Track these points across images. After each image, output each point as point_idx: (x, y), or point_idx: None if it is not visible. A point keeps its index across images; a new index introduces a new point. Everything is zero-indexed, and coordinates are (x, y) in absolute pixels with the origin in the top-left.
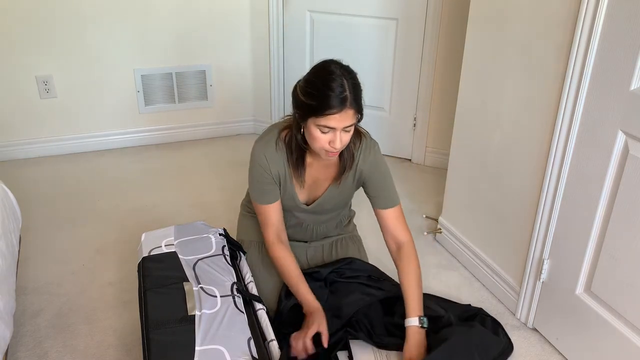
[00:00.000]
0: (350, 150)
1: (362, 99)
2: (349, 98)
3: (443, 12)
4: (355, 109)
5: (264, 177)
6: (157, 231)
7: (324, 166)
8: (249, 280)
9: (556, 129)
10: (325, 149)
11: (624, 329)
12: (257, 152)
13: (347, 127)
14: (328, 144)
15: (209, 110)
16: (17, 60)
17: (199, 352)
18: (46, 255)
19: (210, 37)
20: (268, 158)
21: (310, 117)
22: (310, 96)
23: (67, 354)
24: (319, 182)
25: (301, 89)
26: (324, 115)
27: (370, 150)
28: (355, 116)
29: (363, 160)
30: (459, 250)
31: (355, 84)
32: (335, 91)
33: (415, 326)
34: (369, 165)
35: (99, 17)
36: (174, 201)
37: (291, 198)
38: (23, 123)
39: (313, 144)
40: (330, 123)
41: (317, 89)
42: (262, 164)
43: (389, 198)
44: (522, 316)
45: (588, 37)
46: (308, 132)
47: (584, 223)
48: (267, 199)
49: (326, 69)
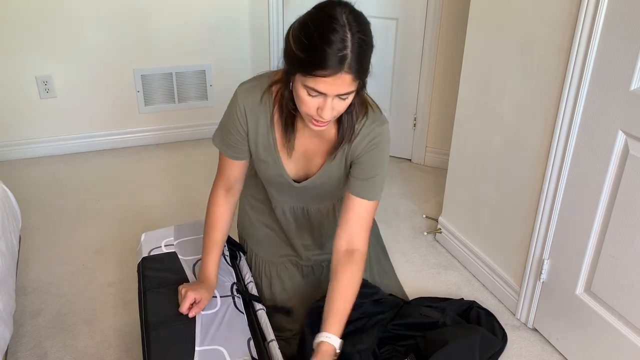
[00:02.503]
0: (351, 119)
1: (370, 62)
2: (348, 58)
3: (443, 12)
4: (355, 73)
5: (236, 130)
6: (157, 231)
7: (316, 135)
8: (249, 280)
9: (556, 129)
10: (311, 116)
11: (624, 329)
12: (237, 98)
13: (342, 95)
14: (315, 110)
15: (209, 110)
16: (17, 60)
17: (198, 352)
18: (46, 255)
19: (210, 37)
20: (247, 111)
21: (298, 73)
22: (300, 45)
23: (67, 354)
24: (310, 156)
25: (294, 33)
26: (312, 75)
27: (374, 129)
28: (355, 82)
29: (360, 139)
30: (459, 250)
31: (362, 41)
32: (332, 46)
33: (331, 345)
34: (365, 145)
35: (99, 17)
36: (174, 201)
37: (276, 169)
38: (23, 123)
39: (299, 107)
40: (319, 86)
41: (309, 37)
42: (239, 114)
43: (370, 188)
44: (522, 316)
45: (588, 37)
46: (295, 91)
47: (584, 223)
48: (230, 153)
49: (328, 12)
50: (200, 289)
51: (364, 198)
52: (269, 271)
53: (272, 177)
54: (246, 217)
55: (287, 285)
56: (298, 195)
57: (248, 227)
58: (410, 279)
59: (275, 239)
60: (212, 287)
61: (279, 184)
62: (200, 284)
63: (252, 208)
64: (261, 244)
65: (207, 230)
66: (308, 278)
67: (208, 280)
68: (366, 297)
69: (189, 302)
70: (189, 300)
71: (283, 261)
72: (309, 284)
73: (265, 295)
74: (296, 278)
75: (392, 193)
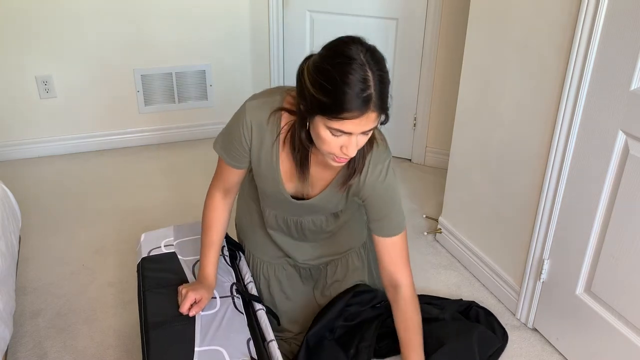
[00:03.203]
0: (362, 150)
1: (390, 95)
2: (373, 97)
3: (443, 12)
4: (379, 110)
5: (239, 143)
6: (157, 231)
7: (325, 165)
8: (249, 280)
9: (556, 128)
10: (334, 154)
11: (624, 329)
12: (245, 113)
13: (367, 131)
14: (339, 149)
15: (209, 110)
16: (17, 60)
17: (198, 352)
18: (46, 255)
19: (210, 37)
20: (254, 127)
21: (320, 115)
22: (321, 90)
23: (67, 354)
24: (313, 180)
25: (310, 77)
26: (338, 118)
27: (376, 166)
28: (379, 118)
29: (363, 182)
30: (459, 250)
31: (383, 78)
32: (355, 88)
33: None
34: (368, 187)
35: (99, 17)
36: (174, 201)
37: (275, 186)
38: (23, 123)
39: (320, 146)
40: (345, 127)
41: (331, 81)
42: (244, 129)
43: (389, 226)
44: (522, 316)
45: (588, 37)
46: (314, 130)
47: (584, 223)
48: (230, 162)
49: (345, 53)
50: (200, 289)
51: (388, 236)
52: (267, 272)
53: (270, 191)
54: (244, 218)
55: (285, 286)
56: (292, 210)
57: (245, 228)
58: None
59: (272, 241)
60: (211, 287)
61: (276, 198)
62: (200, 284)
63: (250, 211)
64: (259, 246)
65: (204, 231)
66: (306, 280)
67: (207, 280)
68: (365, 304)
69: (189, 302)
70: (189, 300)
71: (281, 262)
72: (308, 285)
73: (263, 296)
74: (294, 279)
75: None
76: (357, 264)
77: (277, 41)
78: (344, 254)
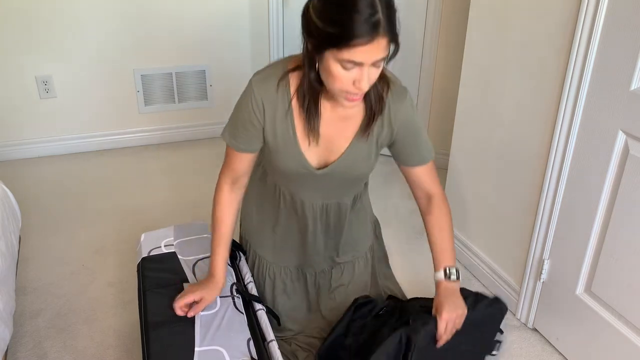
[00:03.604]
0: (376, 91)
1: (398, 22)
2: (382, 22)
3: (443, 12)
4: (389, 36)
5: (250, 123)
6: (157, 231)
7: (341, 119)
8: (249, 280)
9: (556, 129)
10: (347, 91)
11: (624, 329)
12: (252, 88)
13: (377, 62)
14: (352, 84)
15: (209, 110)
16: (17, 60)
17: (198, 352)
18: (46, 255)
19: (210, 37)
20: (264, 101)
21: (329, 48)
22: (328, 20)
23: (67, 354)
24: (332, 142)
25: (315, 10)
26: (348, 46)
27: (402, 100)
28: (389, 46)
29: (394, 114)
30: (459, 250)
31: (390, 3)
32: (363, 13)
33: (440, 280)
34: (401, 121)
35: (99, 17)
36: (174, 201)
37: (296, 159)
38: (23, 123)
39: (332, 85)
40: (356, 57)
41: (338, 9)
42: (254, 105)
43: (422, 154)
44: (522, 316)
45: (588, 37)
46: (325, 68)
47: (584, 223)
48: (240, 147)
49: None
50: (203, 289)
51: (423, 163)
52: (272, 274)
53: (292, 168)
54: (251, 220)
55: (289, 289)
56: (319, 187)
57: (252, 230)
58: (411, 279)
59: (282, 243)
60: (218, 285)
61: (300, 176)
62: (204, 284)
63: (259, 211)
64: (266, 248)
65: (214, 225)
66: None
67: (215, 278)
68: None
69: (183, 302)
70: (185, 300)
71: (288, 265)
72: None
73: (266, 297)
74: (299, 283)
75: (392, 193)
76: (362, 269)
77: (277, 41)
78: (351, 258)
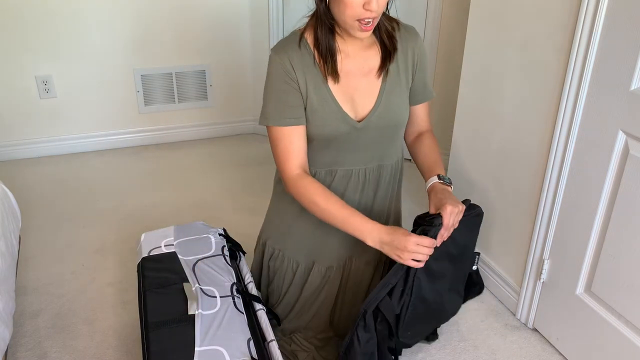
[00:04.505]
0: (387, 29)
1: None
2: None
3: (443, 12)
4: None
5: (289, 86)
6: (157, 231)
7: (364, 73)
8: (249, 280)
9: (556, 129)
10: (358, 18)
11: (624, 329)
12: (276, 56)
13: None
14: (362, 7)
15: (209, 110)
16: (17, 60)
17: (198, 352)
18: (46, 255)
19: (210, 37)
20: (292, 61)
21: None
22: None
23: (67, 354)
24: (363, 95)
25: None
26: None
27: (415, 35)
28: None
29: (412, 48)
30: None
31: None
32: None
33: (435, 183)
34: (418, 55)
35: (99, 17)
36: (174, 201)
37: (333, 110)
38: (23, 123)
39: (343, 14)
40: None
41: None
42: (283, 68)
43: (429, 90)
44: (522, 316)
45: (588, 37)
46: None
47: (584, 223)
48: (290, 118)
49: None
50: (396, 232)
51: (427, 100)
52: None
53: (333, 125)
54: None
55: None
56: (364, 146)
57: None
58: None
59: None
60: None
61: (342, 136)
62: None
63: (298, 226)
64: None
65: (327, 207)
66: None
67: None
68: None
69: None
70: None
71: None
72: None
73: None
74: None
75: None
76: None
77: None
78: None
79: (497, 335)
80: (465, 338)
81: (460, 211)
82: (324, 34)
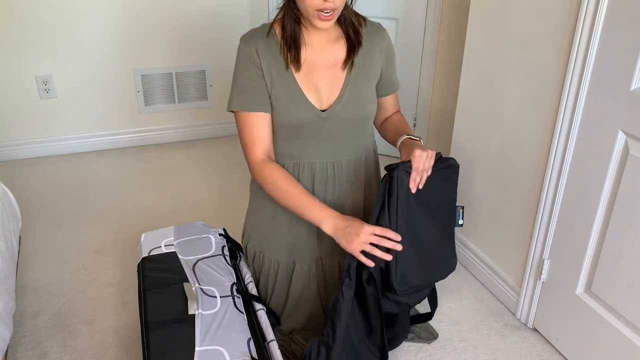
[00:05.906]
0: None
1: None
2: None
3: (443, 12)
4: None
5: (254, 74)
6: (157, 231)
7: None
8: (249, 280)
9: (556, 129)
10: (317, 8)
11: (624, 329)
12: (243, 45)
13: None
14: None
15: (209, 110)
16: (17, 60)
17: (198, 352)
18: (46, 255)
19: (210, 37)
20: (258, 48)
21: None
22: None
23: (67, 354)
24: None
25: None
26: None
27: (381, 30)
28: None
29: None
30: (459, 250)
31: None
32: None
33: (405, 139)
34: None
35: (99, 17)
36: (174, 201)
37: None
38: (23, 123)
39: (304, 3)
40: None
41: None
42: (251, 56)
43: (396, 81)
44: (522, 316)
45: (588, 37)
46: None
47: (584, 223)
48: (253, 105)
49: None
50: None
51: (395, 91)
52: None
53: (297, 113)
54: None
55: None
56: (330, 138)
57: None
58: None
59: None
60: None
61: (307, 124)
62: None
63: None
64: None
65: (287, 191)
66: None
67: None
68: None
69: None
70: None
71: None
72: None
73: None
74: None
75: None
76: None
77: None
78: None
79: (497, 335)
80: (465, 338)
81: (429, 156)
82: (290, 23)
